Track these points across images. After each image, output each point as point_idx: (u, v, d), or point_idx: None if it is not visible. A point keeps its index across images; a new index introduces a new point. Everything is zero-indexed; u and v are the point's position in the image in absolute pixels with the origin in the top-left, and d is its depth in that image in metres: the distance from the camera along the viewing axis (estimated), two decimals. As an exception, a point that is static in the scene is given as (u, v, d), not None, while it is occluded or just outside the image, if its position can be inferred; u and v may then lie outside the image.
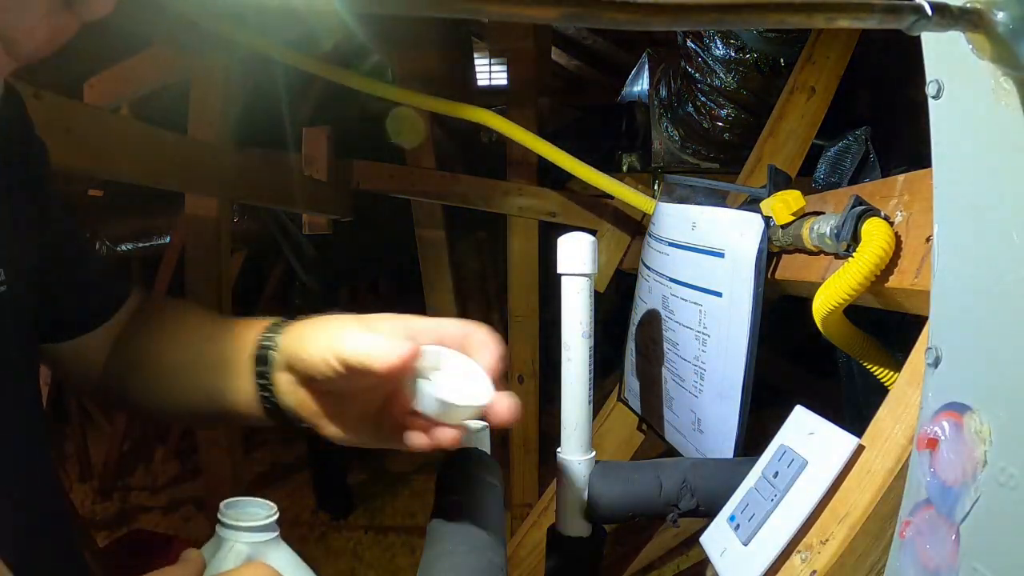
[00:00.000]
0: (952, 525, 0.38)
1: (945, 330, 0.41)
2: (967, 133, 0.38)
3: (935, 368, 0.41)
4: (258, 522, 0.53)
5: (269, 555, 0.53)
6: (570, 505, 0.73)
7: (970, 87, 0.37)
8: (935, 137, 0.41)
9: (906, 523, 0.42)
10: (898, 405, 0.50)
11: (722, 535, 0.58)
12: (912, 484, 0.42)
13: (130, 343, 0.70)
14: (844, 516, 0.49)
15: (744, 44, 1.43)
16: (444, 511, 0.69)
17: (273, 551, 0.54)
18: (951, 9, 0.30)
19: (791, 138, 1.18)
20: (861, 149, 0.78)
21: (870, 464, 0.49)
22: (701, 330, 0.78)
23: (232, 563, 0.51)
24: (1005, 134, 0.35)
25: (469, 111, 1.44)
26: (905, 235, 0.54)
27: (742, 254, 0.72)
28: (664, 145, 1.85)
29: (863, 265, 0.54)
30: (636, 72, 2.08)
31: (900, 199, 0.56)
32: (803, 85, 1.18)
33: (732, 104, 1.59)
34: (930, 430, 0.40)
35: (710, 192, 0.87)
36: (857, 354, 0.63)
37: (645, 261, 0.96)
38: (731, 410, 0.73)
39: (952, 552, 0.38)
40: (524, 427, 1.84)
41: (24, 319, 0.58)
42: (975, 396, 0.38)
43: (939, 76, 0.39)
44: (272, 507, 0.55)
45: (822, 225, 0.61)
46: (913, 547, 0.41)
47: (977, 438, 0.37)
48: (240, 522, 0.53)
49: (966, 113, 0.38)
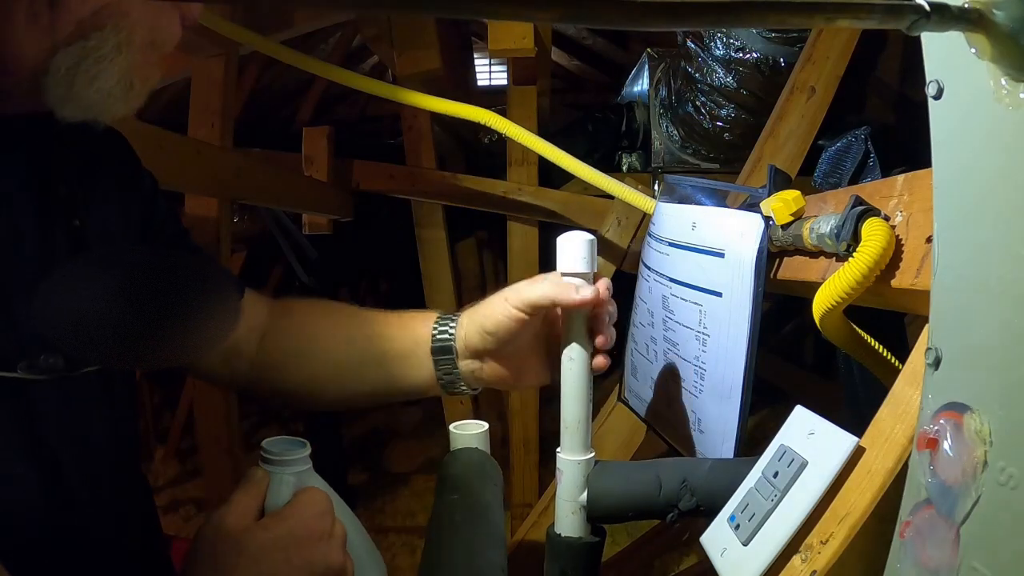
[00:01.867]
0: (952, 525, 0.38)
1: (945, 330, 0.41)
2: (967, 133, 0.38)
3: (935, 368, 0.41)
4: (300, 455, 0.63)
5: (309, 482, 0.63)
6: (569, 505, 0.73)
7: (970, 87, 0.37)
8: (935, 137, 0.41)
9: (906, 523, 0.42)
10: (898, 405, 0.50)
11: (722, 535, 0.58)
12: (912, 484, 0.42)
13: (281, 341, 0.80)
14: (844, 516, 0.49)
15: (744, 44, 1.43)
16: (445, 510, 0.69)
17: (311, 479, 0.63)
18: (951, 9, 0.30)
19: (791, 138, 1.18)
20: (861, 149, 0.78)
21: (870, 464, 0.49)
22: (701, 330, 0.78)
23: (286, 492, 0.60)
24: (1005, 134, 0.35)
25: (470, 111, 1.44)
26: (905, 235, 0.54)
27: (742, 254, 0.72)
28: (664, 145, 1.85)
29: (863, 265, 0.54)
30: (636, 72, 2.08)
31: (900, 199, 0.56)
32: (803, 85, 1.18)
33: (732, 104, 1.59)
34: (930, 430, 0.40)
35: (710, 192, 0.87)
36: (857, 354, 0.63)
37: (645, 261, 0.96)
38: (731, 410, 0.73)
39: (952, 552, 0.38)
40: (524, 427, 1.84)
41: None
42: (975, 396, 0.38)
43: (939, 76, 0.39)
44: (306, 443, 0.64)
45: (822, 225, 0.61)
46: (913, 547, 0.41)
47: (977, 438, 0.37)
48: (285, 457, 0.62)
49: (966, 113, 0.38)
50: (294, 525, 0.57)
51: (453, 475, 0.76)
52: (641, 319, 0.97)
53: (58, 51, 0.50)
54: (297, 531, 0.57)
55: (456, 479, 0.75)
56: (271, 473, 0.61)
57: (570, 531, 0.73)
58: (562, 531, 0.73)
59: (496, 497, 0.75)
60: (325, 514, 0.59)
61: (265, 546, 0.55)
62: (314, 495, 0.60)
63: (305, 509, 0.58)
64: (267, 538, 0.56)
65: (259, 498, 0.59)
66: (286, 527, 0.57)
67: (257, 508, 0.59)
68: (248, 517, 0.57)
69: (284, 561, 0.55)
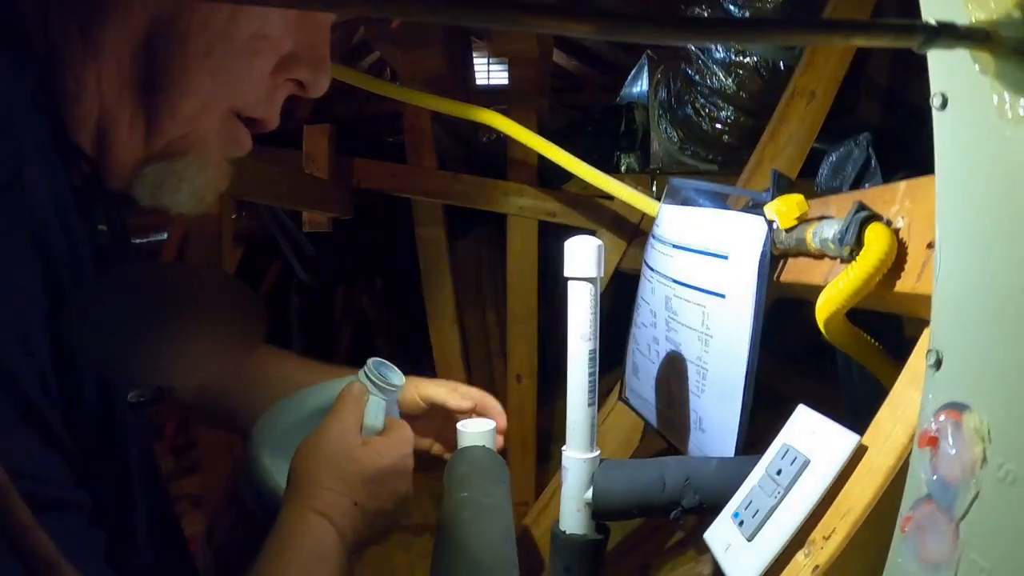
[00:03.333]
0: (952, 520, 0.39)
1: (946, 333, 0.42)
2: (970, 145, 0.40)
3: (936, 370, 0.43)
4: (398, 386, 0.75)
5: (395, 411, 0.76)
6: (574, 503, 0.74)
7: (974, 101, 0.38)
8: (938, 148, 0.42)
9: (907, 519, 0.43)
10: (898, 405, 0.51)
11: (727, 531, 0.59)
12: (913, 481, 0.43)
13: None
14: (846, 512, 0.50)
15: (744, 47, 1.44)
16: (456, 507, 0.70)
17: (395, 406, 0.77)
18: (958, 28, 0.31)
19: (791, 142, 1.19)
20: (863, 155, 0.80)
21: (871, 462, 0.51)
22: (704, 331, 0.80)
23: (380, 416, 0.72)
24: (1007, 147, 0.36)
25: (471, 111, 1.45)
26: (907, 240, 0.55)
27: (745, 257, 0.74)
28: (663, 146, 1.86)
29: (865, 270, 0.55)
30: (635, 73, 2.09)
31: (902, 205, 0.57)
32: (803, 89, 1.19)
33: (731, 106, 1.60)
34: (931, 428, 0.42)
35: (713, 195, 0.88)
36: (860, 356, 0.64)
37: (648, 262, 0.98)
38: (733, 410, 0.75)
39: (952, 546, 0.39)
40: (522, 426, 1.85)
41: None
42: (974, 396, 0.39)
43: (944, 89, 0.41)
44: (400, 373, 0.76)
45: (825, 230, 0.62)
46: (914, 542, 0.42)
47: (976, 436, 0.38)
48: (386, 384, 0.73)
49: (969, 126, 0.39)
50: (396, 458, 0.69)
51: (462, 473, 0.77)
52: (643, 319, 0.98)
53: (149, 164, 0.58)
54: (398, 464, 0.69)
55: (465, 477, 0.76)
56: (370, 394, 0.72)
57: (575, 528, 0.74)
58: (567, 528, 0.75)
59: (505, 495, 0.76)
60: (411, 452, 0.72)
61: (377, 470, 0.67)
62: (408, 432, 0.73)
63: (404, 446, 0.71)
64: (380, 464, 0.67)
65: (360, 415, 0.70)
66: (391, 457, 0.69)
67: (359, 424, 0.69)
68: (356, 434, 0.68)
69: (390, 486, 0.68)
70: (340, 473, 0.64)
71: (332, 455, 0.65)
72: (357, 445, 0.67)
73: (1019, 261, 0.36)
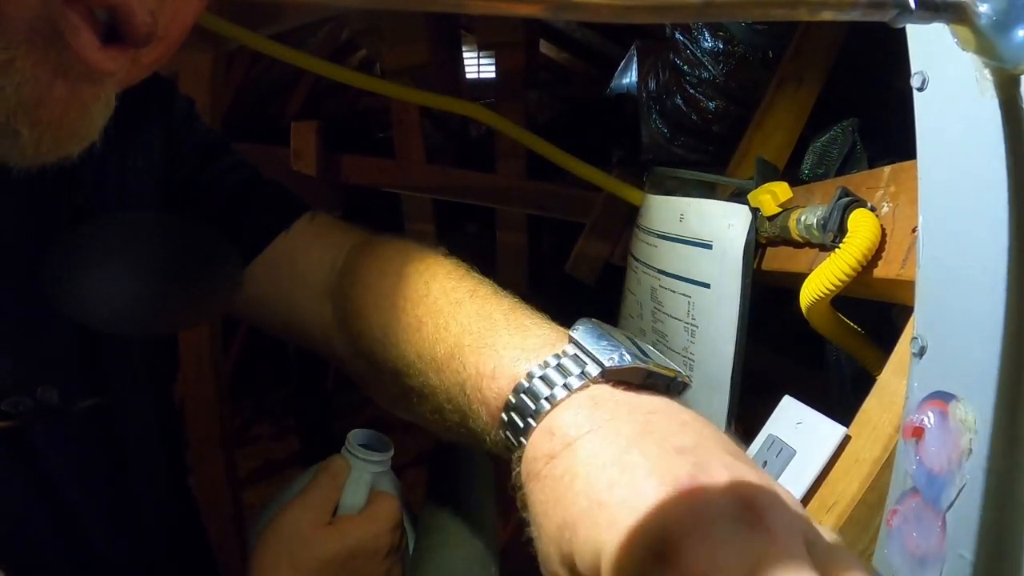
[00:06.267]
0: (938, 513, 0.38)
1: (930, 320, 0.41)
2: (951, 124, 0.38)
3: (920, 358, 0.42)
4: (384, 457, 0.64)
5: (384, 483, 0.64)
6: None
7: (954, 79, 0.37)
8: (920, 129, 0.41)
9: (893, 512, 0.42)
10: (884, 395, 0.50)
11: (712, 525, 0.58)
12: (899, 473, 0.42)
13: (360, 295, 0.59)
14: (832, 505, 0.49)
15: (733, 36, 1.43)
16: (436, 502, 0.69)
17: (386, 480, 0.64)
18: (934, 1, 0.30)
19: (778, 130, 1.18)
20: (848, 140, 0.79)
21: (857, 453, 0.50)
22: (690, 321, 0.79)
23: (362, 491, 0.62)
24: (988, 125, 0.35)
25: (458, 105, 1.44)
26: (891, 226, 0.54)
27: (730, 245, 0.73)
28: (653, 138, 1.85)
29: (849, 256, 0.54)
30: (625, 65, 2.07)
31: (887, 190, 0.56)
32: (791, 77, 1.18)
33: (721, 96, 1.58)
34: (916, 419, 0.41)
35: (698, 184, 0.87)
36: (844, 344, 0.63)
37: (634, 253, 0.96)
38: (720, 401, 0.74)
39: (939, 539, 0.38)
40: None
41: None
42: (960, 385, 0.38)
43: (923, 68, 0.39)
44: (390, 442, 0.66)
45: (809, 216, 0.61)
46: (900, 535, 0.41)
47: (962, 426, 0.37)
48: (370, 457, 0.63)
49: (950, 105, 0.38)
50: (366, 537, 0.59)
51: (444, 467, 0.76)
52: (630, 311, 0.97)
53: None
54: (368, 545, 0.59)
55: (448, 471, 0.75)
56: (352, 467, 0.63)
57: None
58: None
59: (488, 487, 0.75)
60: (395, 528, 0.61)
61: (337, 553, 0.57)
62: (390, 506, 0.61)
63: (379, 523, 0.60)
64: (341, 546, 0.58)
65: (337, 492, 0.61)
66: (358, 537, 0.58)
67: (334, 503, 0.60)
68: (325, 513, 0.59)
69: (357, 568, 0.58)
70: (292, 560, 0.57)
71: (286, 540, 0.58)
72: (317, 527, 0.58)
73: (1001, 245, 0.35)
